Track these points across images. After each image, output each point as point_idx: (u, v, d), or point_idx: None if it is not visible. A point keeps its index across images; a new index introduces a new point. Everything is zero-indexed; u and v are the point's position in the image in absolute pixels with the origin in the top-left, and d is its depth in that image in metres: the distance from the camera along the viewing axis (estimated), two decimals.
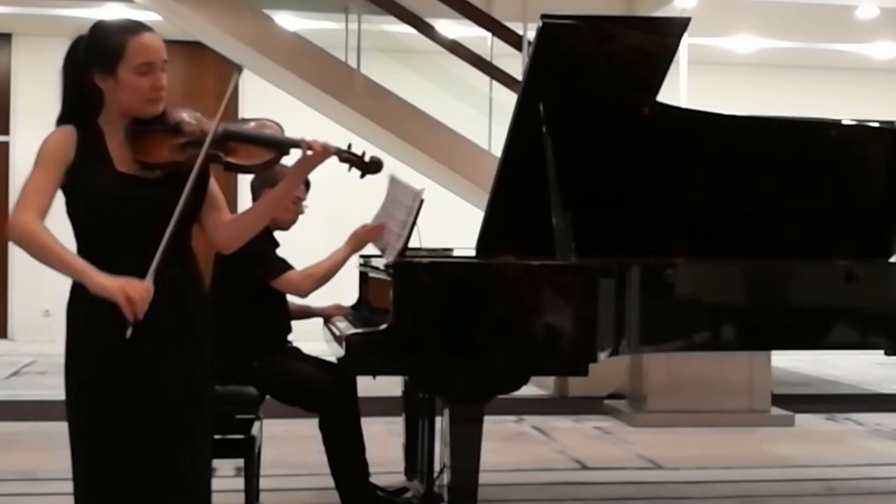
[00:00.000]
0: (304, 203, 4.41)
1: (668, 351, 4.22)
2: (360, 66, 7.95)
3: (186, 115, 2.73)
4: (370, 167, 2.97)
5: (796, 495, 5.04)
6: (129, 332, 2.47)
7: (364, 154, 2.96)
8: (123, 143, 2.66)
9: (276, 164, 2.82)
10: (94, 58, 2.64)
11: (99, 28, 2.69)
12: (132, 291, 2.48)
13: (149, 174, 2.66)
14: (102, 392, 2.65)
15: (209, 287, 4.22)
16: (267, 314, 4.29)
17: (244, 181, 6.45)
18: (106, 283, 2.50)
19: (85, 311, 2.65)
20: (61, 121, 2.69)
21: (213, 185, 2.82)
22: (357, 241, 4.21)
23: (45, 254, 2.55)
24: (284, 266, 4.23)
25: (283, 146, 2.77)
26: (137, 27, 2.66)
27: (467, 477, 3.42)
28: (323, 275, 4.22)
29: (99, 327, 2.62)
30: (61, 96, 2.72)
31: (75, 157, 2.62)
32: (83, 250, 2.65)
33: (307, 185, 4.28)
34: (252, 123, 2.82)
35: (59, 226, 2.62)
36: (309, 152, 2.78)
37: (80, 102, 2.68)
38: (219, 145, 2.70)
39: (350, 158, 2.92)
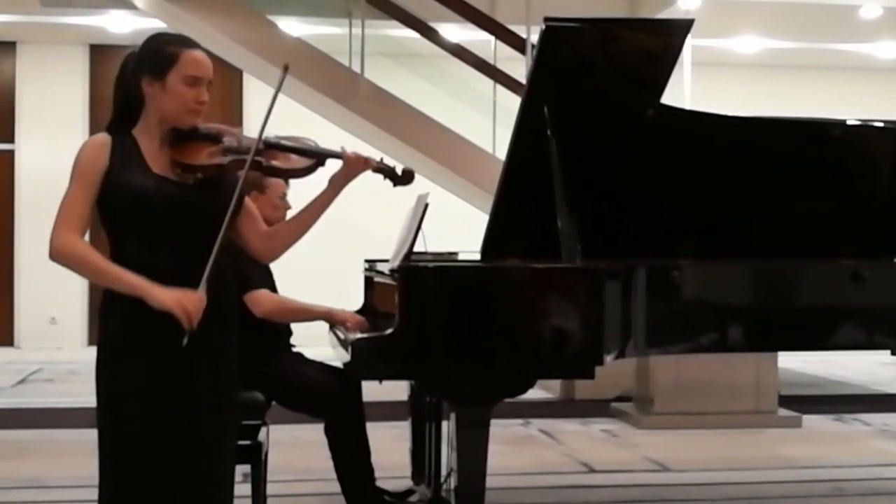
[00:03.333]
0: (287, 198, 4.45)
1: (675, 353, 4.21)
2: (364, 71, 7.96)
3: (223, 127, 2.87)
4: (402, 179, 3.12)
5: (804, 496, 5.03)
6: (185, 341, 2.60)
7: (395, 167, 3.11)
8: (159, 150, 2.76)
9: (313, 171, 2.94)
10: (147, 63, 2.77)
11: (155, 37, 2.83)
12: (188, 303, 2.61)
13: (187, 177, 2.75)
14: (136, 393, 2.70)
15: None
16: (259, 319, 4.25)
17: None
18: (163, 296, 2.61)
19: (119, 315, 2.72)
20: (109, 128, 2.80)
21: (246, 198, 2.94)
22: (335, 314, 4.22)
23: (95, 273, 2.68)
24: (258, 283, 4.21)
25: (322, 156, 2.93)
26: (193, 43, 2.81)
27: (474, 481, 3.42)
28: (293, 310, 4.28)
29: (135, 331, 2.70)
30: (113, 106, 2.84)
31: (110, 164, 2.71)
32: (117, 255, 2.73)
33: (287, 181, 4.35)
34: (293, 138, 2.97)
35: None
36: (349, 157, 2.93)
37: (127, 112, 2.79)
38: (260, 153, 2.82)
39: (383, 169, 3.08)
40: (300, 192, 4.48)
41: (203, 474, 2.77)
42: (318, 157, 2.92)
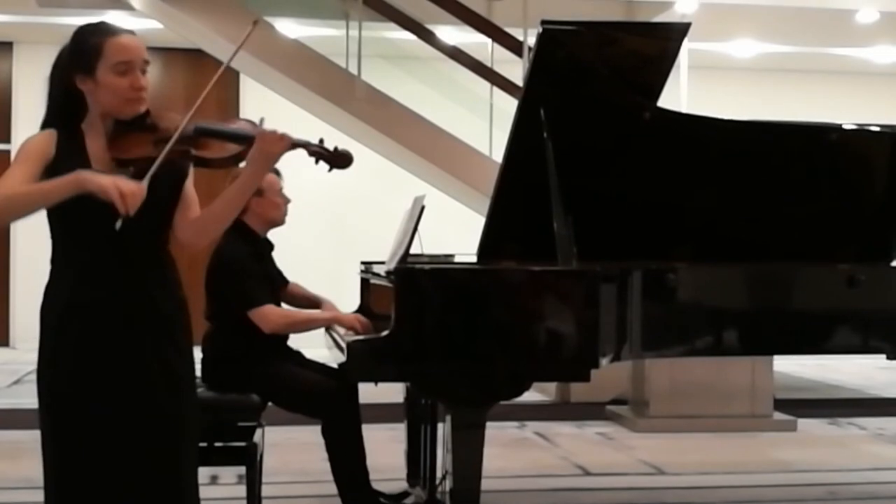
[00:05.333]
0: (286, 193, 4.42)
1: (671, 356, 4.21)
2: (361, 73, 7.96)
3: (167, 115, 2.74)
4: (339, 161, 2.83)
5: (799, 500, 5.03)
6: (118, 225, 2.50)
7: (335, 148, 2.84)
8: (103, 145, 2.68)
9: (243, 158, 2.74)
10: (75, 60, 2.67)
11: (79, 32, 2.73)
12: (125, 186, 2.49)
13: (124, 172, 2.65)
14: (75, 394, 2.63)
15: (206, 303, 4.23)
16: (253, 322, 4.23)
17: None
18: (98, 178, 2.51)
19: (58, 311, 2.66)
20: (45, 125, 2.72)
21: (188, 184, 2.81)
22: (342, 319, 4.19)
23: (29, 199, 2.56)
24: (263, 299, 4.20)
25: (251, 139, 2.73)
26: (116, 29, 2.70)
27: (469, 483, 3.42)
28: (300, 322, 4.27)
29: (72, 328, 2.64)
30: (46, 102, 2.74)
31: (54, 157, 2.64)
32: (59, 250, 2.68)
33: (278, 173, 4.32)
34: (228, 122, 2.82)
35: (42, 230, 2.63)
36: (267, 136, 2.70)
37: (65, 107, 2.70)
38: (190, 141, 2.70)
39: (318, 152, 2.82)
40: (295, 186, 4.50)
41: (160, 478, 2.67)
42: (247, 142, 2.73)
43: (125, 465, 2.64)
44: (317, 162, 2.83)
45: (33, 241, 11.52)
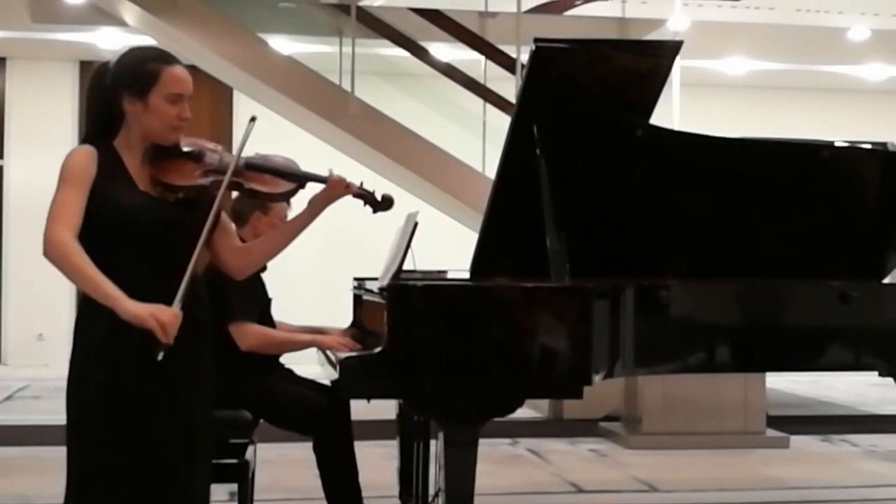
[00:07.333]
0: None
1: (663, 373, 4.21)
2: (354, 90, 7.97)
3: (207, 145, 2.87)
4: (382, 205, 3.14)
5: None
6: (160, 356, 2.58)
7: (375, 192, 3.13)
8: (141, 166, 2.76)
9: (294, 195, 2.99)
10: (127, 81, 2.74)
11: (133, 53, 2.80)
12: (163, 317, 2.57)
13: (168, 196, 2.76)
14: (105, 410, 2.69)
15: None
16: None
17: None
18: (137, 309, 2.58)
19: (102, 326, 2.69)
20: (86, 141, 2.78)
21: (223, 213, 2.93)
22: (321, 341, 4.20)
23: (77, 275, 2.63)
24: (246, 315, 4.19)
25: (303, 179, 2.95)
26: (172, 58, 2.80)
27: (462, 500, 3.40)
28: (277, 342, 4.26)
29: (113, 348, 2.69)
30: (87, 118, 2.82)
31: (97, 175, 2.69)
32: (99, 269, 2.69)
33: (289, 202, 4.33)
34: (275, 159, 2.97)
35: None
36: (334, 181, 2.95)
37: (104, 124, 2.77)
38: (241, 174, 2.84)
39: (363, 195, 3.10)
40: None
41: (181, 489, 2.75)
42: (299, 181, 2.94)
43: (146, 476, 2.70)
44: (364, 205, 3.13)
45: (26, 258, 11.52)
